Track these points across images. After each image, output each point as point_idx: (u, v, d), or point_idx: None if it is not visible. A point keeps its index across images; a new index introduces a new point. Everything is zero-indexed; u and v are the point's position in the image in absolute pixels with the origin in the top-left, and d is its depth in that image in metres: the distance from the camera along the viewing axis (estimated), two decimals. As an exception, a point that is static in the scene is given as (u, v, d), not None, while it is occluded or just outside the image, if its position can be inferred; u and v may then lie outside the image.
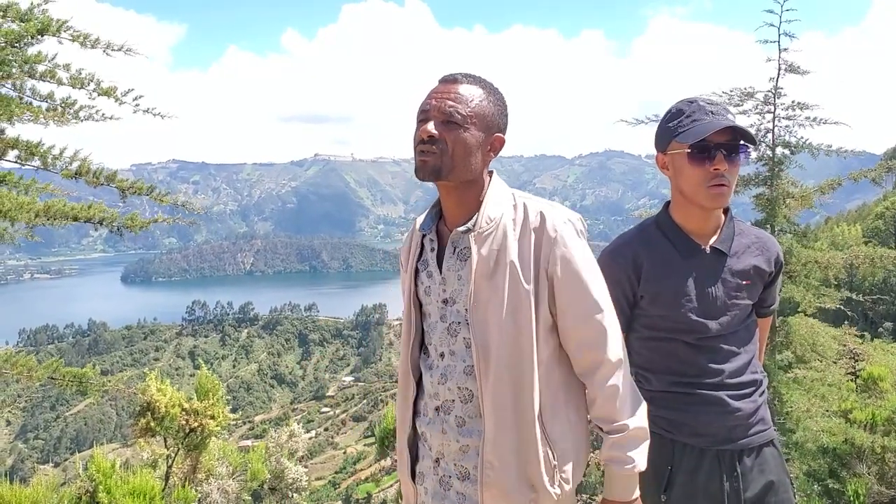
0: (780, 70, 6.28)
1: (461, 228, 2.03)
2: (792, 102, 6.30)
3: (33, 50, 6.75)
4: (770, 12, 6.13)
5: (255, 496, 5.83)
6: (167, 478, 5.21)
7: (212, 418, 5.31)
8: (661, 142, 2.37)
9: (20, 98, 6.85)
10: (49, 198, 7.21)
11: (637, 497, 2.03)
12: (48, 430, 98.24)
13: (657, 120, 2.47)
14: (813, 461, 5.85)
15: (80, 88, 6.99)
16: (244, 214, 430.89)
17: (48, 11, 6.69)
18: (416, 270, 2.20)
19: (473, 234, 2.00)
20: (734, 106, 6.37)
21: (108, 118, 7.27)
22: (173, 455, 5.33)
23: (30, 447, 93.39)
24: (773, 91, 6.32)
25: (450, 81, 2.03)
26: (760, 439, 2.33)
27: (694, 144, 2.23)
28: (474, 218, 2.02)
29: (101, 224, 7.27)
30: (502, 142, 2.06)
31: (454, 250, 2.08)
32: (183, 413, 5.23)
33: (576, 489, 2.10)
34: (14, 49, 6.57)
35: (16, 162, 7.10)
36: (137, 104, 7.21)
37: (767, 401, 2.44)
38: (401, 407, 2.26)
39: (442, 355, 2.11)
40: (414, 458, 2.24)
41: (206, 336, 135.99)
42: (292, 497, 5.88)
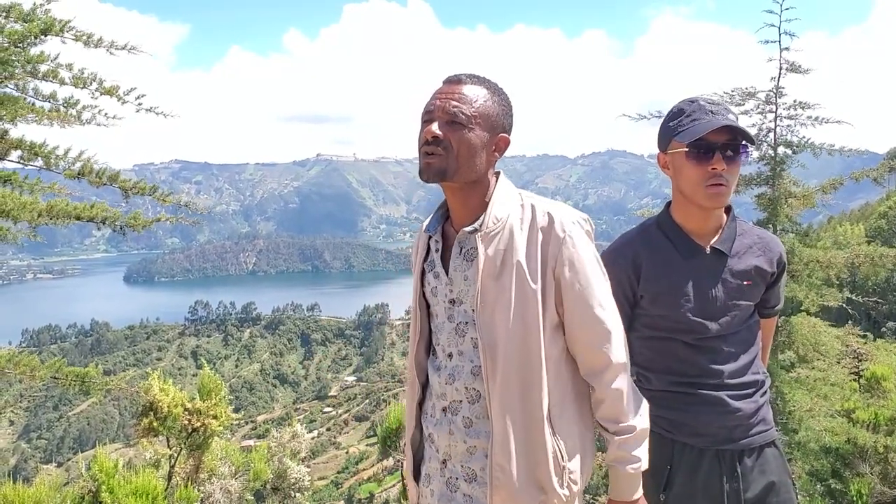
0: (782, 69, 6.27)
1: (468, 229, 2.02)
2: (794, 102, 6.30)
3: (36, 50, 6.76)
4: (770, 12, 6.14)
5: (258, 496, 5.83)
6: (170, 477, 5.21)
7: (214, 418, 5.31)
8: (662, 141, 2.37)
9: (23, 98, 6.86)
10: (53, 197, 7.22)
11: (641, 496, 2.04)
12: (51, 430, 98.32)
13: (660, 116, 2.47)
14: (816, 461, 5.84)
15: (83, 88, 6.99)
16: (247, 214, 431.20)
17: (51, 11, 6.70)
18: (423, 271, 2.19)
19: (480, 235, 1.99)
20: (736, 105, 6.36)
21: (112, 117, 7.27)
22: (176, 455, 5.33)
23: (33, 447, 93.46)
24: (775, 90, 6.31)
25: (454, 82, 2.02)
26: (762, 440, 2.32)
27: (692, 143, 2.23)
28: (481, 218, 2.01)
29: (104, 223, 7.27)
30: (507, 142, 2.04)
31: (461, 251, 2.07)
32: (185, 413, 5.23)
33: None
34: (17, 49, 6.58)
35: (18, 162, 7.10)
36: (140, 103, 7.21)
37: (770, 401, 2.43)
38: (408, 408, 2.26)
39: (450, 356, 2.10)
40: (420, 460, 2.24)
41: (209, 336, 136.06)
42: (295, 497, 5.88)
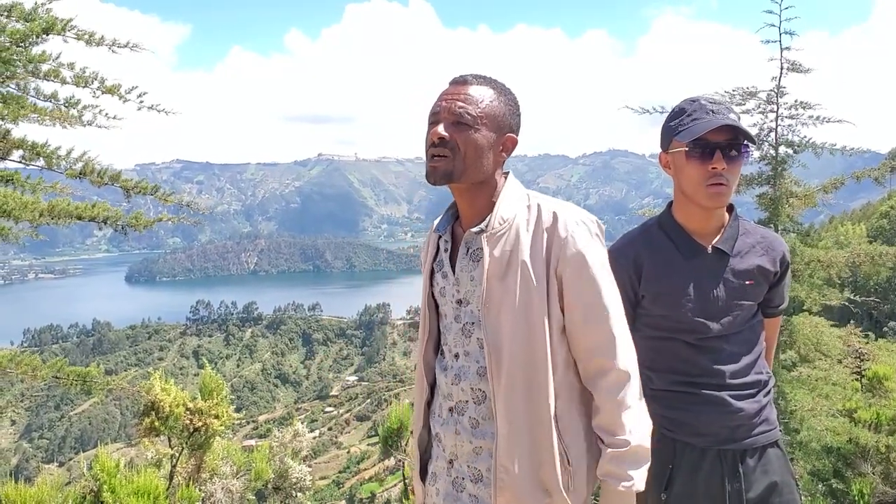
0: (783, 69, 6.27)
1: (474, 229, 2.01)
2: (795, 101, 6.29)
3: (38, 49, 6.76)
4: (769, 12, 6.13)
5: (259, 496, 5.83)
6: (171, 477, 5.21)
7: (216, 418, 5.31)
8: (664, 140, 2.36)
9: (25, 97, 6.86)
10: (54, 197, 7.22)
11: None
12: (52, 430, 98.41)
13: (662, 111, 2.46)
14: (817, 461, 5.84)
15: (84, 87, 7.00)
16: (248, 214, 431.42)
17: (52, 11, 6.70)
18: (433, 271, 2.19)
19: (486, 235, 1.98)
20: (737, 105, 6.34)
21: (113, 118, 7.27)
22: (177, 454, 5.33)
23: (34, 447, 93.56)
24: (776, 90, 6.30)
25: (460, 83, 2.01)
26: (764, 440, 2.31)
27: (693, 143, 2.22)
28: (487, 219, 2.00)
29: (106, 223, 7.27)
30: (514, 142, 2.03)
31: (467, 251, 2.07)
32: (187, 412, 5.23)
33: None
34: (19, 49, 6.58)
35: (20, 162, 7.11)
36: (141, 101, 7.20)
37: (772, 400, 2.42)
38: (416, 407, 2.26)
39: (456, 356, 2.10)
40: (427, 459, 2.24)
41: (210, 336, 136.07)
42: (296, 496, 5.88)
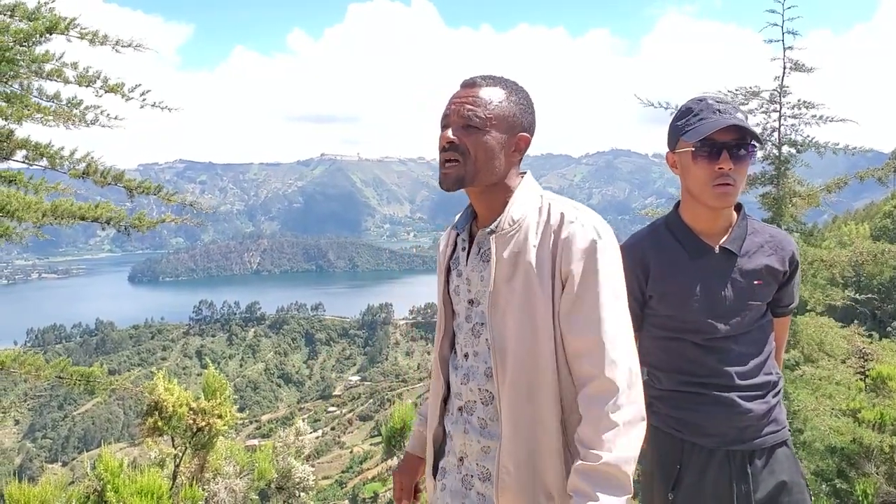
0: (785, 68, 6.27)
1: (486, 230, 2.01)
2: (798, 101, 6.29)
3: (41, 49, 6.77)
4: (772, 11, 6.13)
5: (263, 495, 5.83)
6: (175, 477, 5.21)
7: (219, 417, 5.31)
8: (671, 140, 2.35)
9: (28, 97, 6.87)
10: (57, 196, 7.23)
11: None
12: (56, 430, 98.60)
13: (668, 107, 2.45)
14: (821, 461, 5.83)
15: (87, 86, 7.01)
16: (251, 214, 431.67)
17: (55, 10, 6.71)
18: (449, 268, 2.19)
19: (495, 236, 1.98)
20: (740, 105, 6.35)
21: (115, 118, 7.29)
22: (181, 454, 5.33)
23: (38, 446, 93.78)
24: (779, 89, 6.30)
25: (469, 85, 2.01)
26: (773, 440, 2.30)
27: (699, 142, 2.21)
28: (498, 220, 1.99)
29: (109, 224, 7.29)
30: (527, 141, 2.02)
31: (479, 250, 2.07)
32: (190, 412, 5.24)
33: None
34: (22, 48, 6.59)
35: (23, 162, 7.13)
36: (144, 99, 7.22)
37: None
38: (431, 403, 2.26)
39: (466, 356, 2.10)
40: (439, 455, 2.24)
41: (213, 335, 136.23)
42: (299, 496, 5.88)
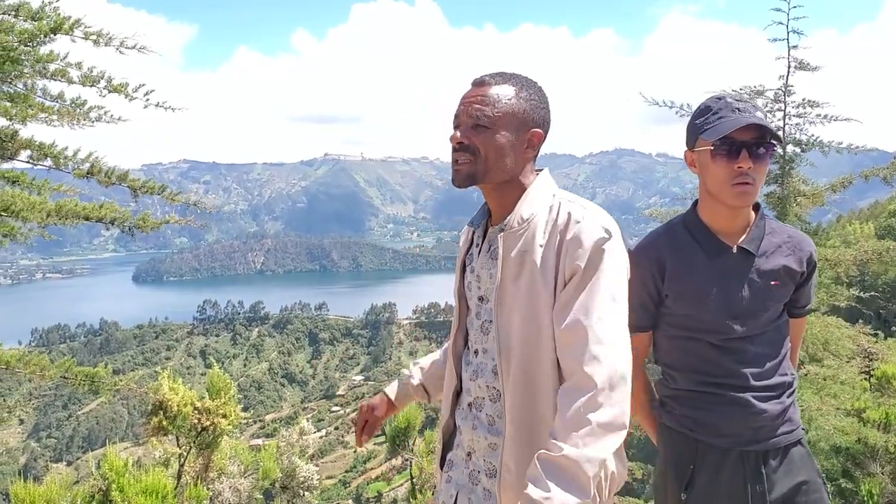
0: (790, 67, 6.26)
1: (496, 228, 2.02)
2: (802, 100, 6.28)
3: (45, 49, 6.78)
4: (778, 10, 6.12)
5: (267, 495, 5.84)
6: (179, 476, 5.22)
7: (224, 417, 5.32)
8: (689, 138, 2.34)
9: (32, 97, 6.88)
10: (60, 197, 7.25)
11: None
12: (60, 429, 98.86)
13: (672, 106, 2.43)
14: (826, 460, 5.81)
15: (91, 86, 7.02)
16: (255, 214, 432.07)
17: (59, 10, 6.72)
18: (465, 265, 2.20)
19: (503, 235, 1.98)
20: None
21: (119, 119, 7.30)
22: (185, 454, 5.34)
23: (42, 446, 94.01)
24: (783, 88, 6.29)
25: (478, 84, 2.01)
26: (787, 440, 2.29)
27: (718, 141, 2.19)
28: (509, 218, 1.99)
29: (113, 224, 7.30)
30: (540, 137, 2.02)
31: (489, 248, 2.07)
32: (195, 412, 5.25)
33: None
34: (26, 48, 6.60)
35: (28, 162, 7.14)
36: (148, 99, 7.23)
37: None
38: (444, 396, 2.27)
39: (476, 352, 2.11)
40: (447, 446, 2.25)
41: (217, 335, 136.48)
42: (303, 495, 5.89)
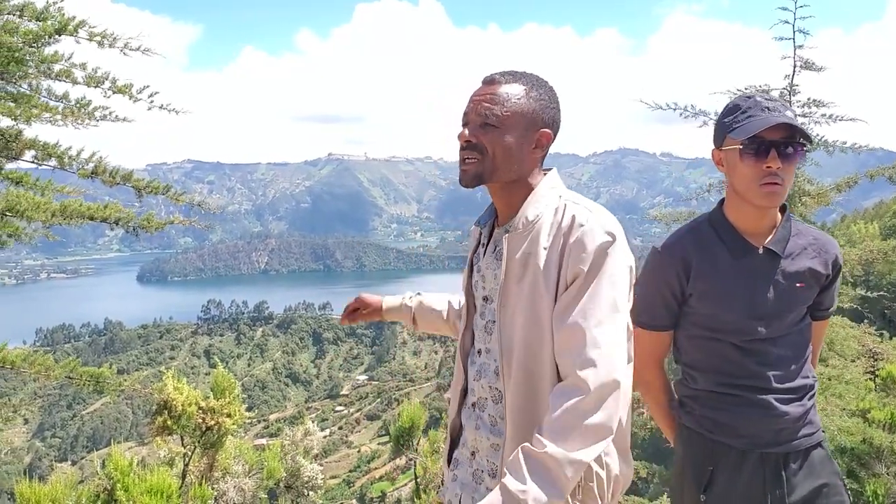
0: (796, 67, 6.25)
1: (502, 228, 2.02)
2: (808, 100, 6.27)
3: (49, 49, 6.80)
4: (784, 9, 6.11)
5: (271, 494, 5.85)
6: (184, 476, 5.22)
7: (228, 416, 5.32)
8: (717, 137, 2.32)
9: (37, 98, 6.90)
10: (64, 198, 7.26)
11: None
12: (65, 429, 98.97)
13: (675, 108, 2.42)
14: (830, 461, 5.79)
15: (96, 87, 7.03)
16: (259, 214, 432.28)
17: (63, 10, 6.73)
18: (472, 263, 2.20)
19: (508, 236, 1.97)
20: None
21: (124, 119, 7.32)
22: (190, 453, 5.34)
23: (47, 445, 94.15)
24: (789, 88, 6.28)
25: (488, 82, 2.01)
26: (808, 442, 2.28)
27: (747, 140, 2.17)
28: (514, 219, 1.99)
29: (118, 224, 7.31)
30: (549, 137, 2.00)
31: (494, 249, 2.07)
32: (200, 411, 5.25)
33: None
34: (31, 49, 6.61)
35: (33, 162, 7.15)
36: (152, 101, 7.24)
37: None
38: (451, 393, 2.27)
39: (480, 352, 2.11)
40: (455, 444, 2.25)
41: (222, 335, 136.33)
42: (308, 495, 5.89)
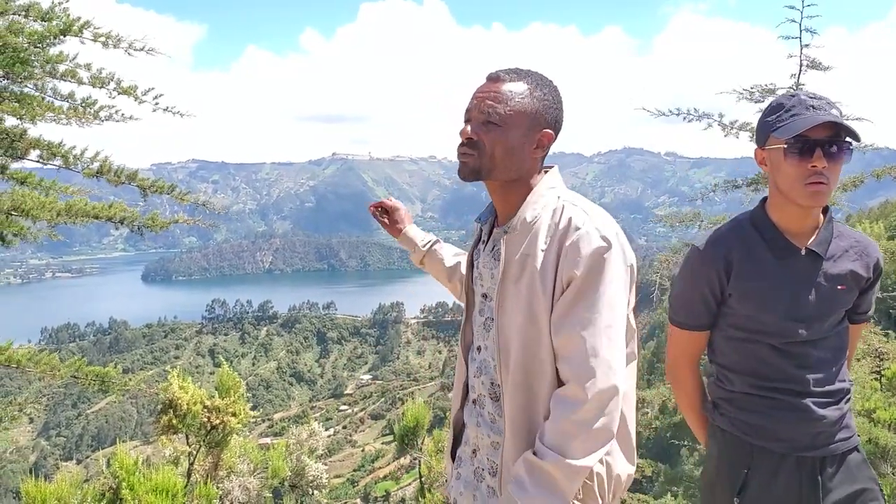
0: (802, 66, 6.22)
1: (500, 229, 2.01)
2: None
3: (55, 50, 6.81)
4: (792, 8, 6.08)
5: (276, 493, 5.86)
6: (189, 475, 5.24)
7: (233, 415, 5.33)
8: (760, 136, 2.28)
9: (42, 98, 6.91)
10: (69, 198, 7.27)
11: None
12: (70, 428, 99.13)
13: (678, 113, 2.40)
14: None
15: (101, 88, 7.04)
16: (263, 213, 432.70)
17: (69, 10, 6.74)
18: (472, 259, 2.19)
19: (506, 237, 1.97)
20: (755, 102, 6.31)
21: (129, 118, 7.32)
22: (195, 452, 5.36)
23: (52, 444, 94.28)
24: (795, 87, 6.26)
25: (493, 80, 1.99)
26: (845, 446, 2.25)
27: (791, 140, 2.13)
28: (512, 220, 1.98)
29: (122, 223, 7.32)
30: (550, 138, 1.99)
31: (492, 248, 2.06)
32: (205, 410, 5.26)
33: None
34: (36, 49, 6.63)
35: (38, 161, 7.16)
36: (157, 103, 7.25)
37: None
38: (455, 387, 2.27)
39: (479, 349, 2.10)
40: (458, 440, 2.25)
41: (226, 334, 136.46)
42: (312, 494, 5.90)
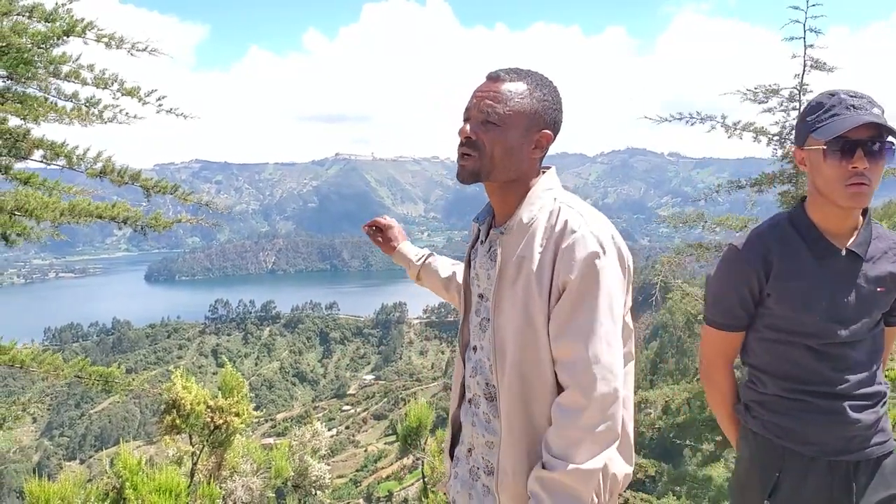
0: (806, 66, 6.22)
1: (497, 230, 2.00)
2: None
3: (58, 51, 6.82)
4: (796, 9, 6.08)
5: (279, 493, 5.85)
6: (192, 475, 5.24)
7: (237, 416, 5.34)
8: (799, 137, 2.25)
9: (45, 98, 6.92)
10: (72, 199, 7.28)
11: None
12: (73, 428, 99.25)
13: (681, 118, 2.37)
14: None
15: (104, 89, 7.06)
16: (266, 214, 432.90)
17: (72, 11, 6.76)
18: (470, 258, 2.19)
19: (502, 238, 1.96)
20: (759, 103, 6.31)
21: (132, 118, 7.33)
22: (198, 452, 5.36)
23: (55, 444, 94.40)
24: (799, 87, 6.26)
25: (493, 79, 1.98)
26: (880, 451, 2.22)
27: (831, 141, 2.09)
28: (510, 221, 1.97)
29: (125, 223, 7.34)
30: (549, 138, 1.98)
31: (489, 248, 2.06)
32: (208, 410, 5.26)
33: None
34: (40, 50, 6.64)
35: (41, 161, 7.18)
36: (160, 104, 7.27)
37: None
38: (453, 385, 2.26)
39: (475, 348, 2.10)
40: (456, 439, 2.24)
41: (229, 334, 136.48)
42: (315, 494, 5.90)
